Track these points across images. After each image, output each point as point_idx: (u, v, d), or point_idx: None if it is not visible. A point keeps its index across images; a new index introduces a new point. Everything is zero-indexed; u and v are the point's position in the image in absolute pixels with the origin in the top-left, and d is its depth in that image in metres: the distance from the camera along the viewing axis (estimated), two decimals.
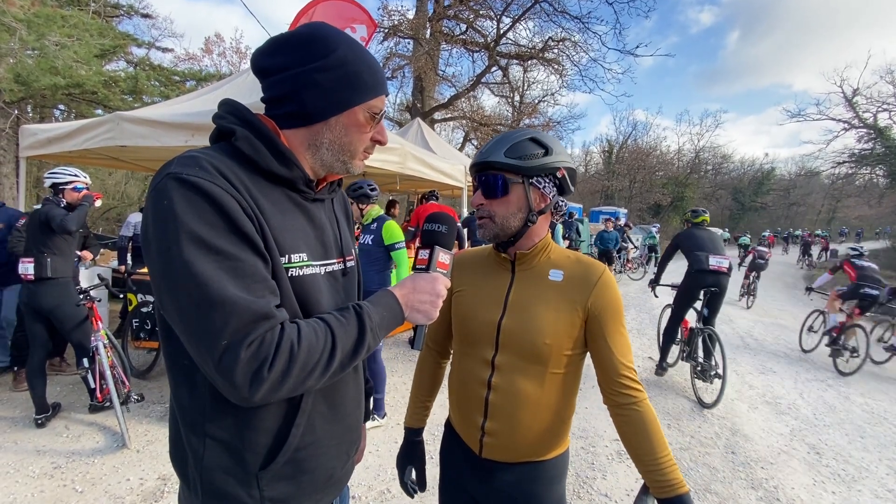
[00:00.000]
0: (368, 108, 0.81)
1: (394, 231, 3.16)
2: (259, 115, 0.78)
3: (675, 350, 4.59)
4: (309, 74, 0.75)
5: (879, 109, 20.57)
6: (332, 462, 0.87)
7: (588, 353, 1.07)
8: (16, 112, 8.06)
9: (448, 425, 1.24)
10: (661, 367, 4.63)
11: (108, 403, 3.13)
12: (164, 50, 14.93)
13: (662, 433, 0.98)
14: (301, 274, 0.76)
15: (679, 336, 4.51)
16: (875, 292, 5.56)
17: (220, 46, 19.19)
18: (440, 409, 2.91)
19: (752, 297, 9.83)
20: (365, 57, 0.81)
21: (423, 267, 0.91)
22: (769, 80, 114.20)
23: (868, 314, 5.90)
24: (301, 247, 0.77)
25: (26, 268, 3.07)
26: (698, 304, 4.30)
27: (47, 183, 3.24)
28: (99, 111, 9.80)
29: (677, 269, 5.15)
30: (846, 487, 2.88)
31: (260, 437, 0.75)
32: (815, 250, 20.45)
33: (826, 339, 5.77)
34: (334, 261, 0.87)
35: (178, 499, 0.84)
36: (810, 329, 6.26)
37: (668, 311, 4.73)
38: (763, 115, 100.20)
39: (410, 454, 1.25)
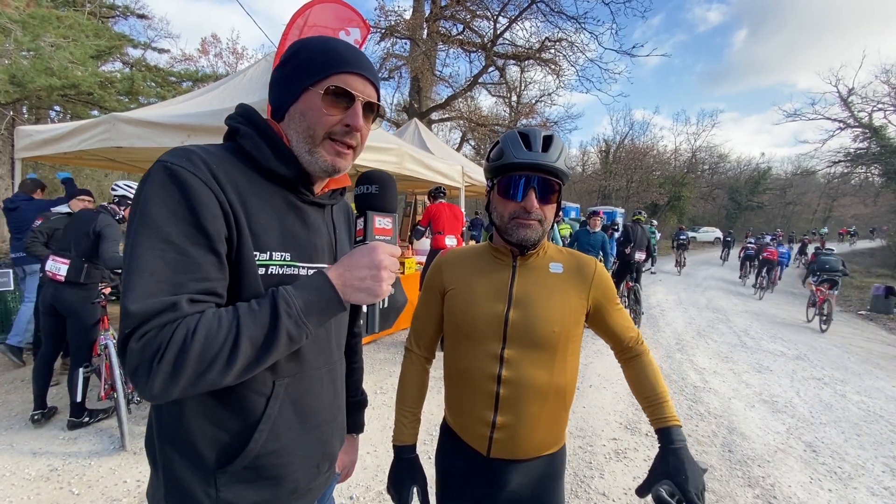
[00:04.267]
0: (321, 87, 0.76)
1: None
2: (268, 118, 0.82)
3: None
4: (273, 76, 0.82)
5: (875, 109, 20.71)
6: (296, 474, 0.82)
7: (581, 339, 1.14)
8: (11, 113, 8.04)
9: (446, 428, 1.20)
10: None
11: (86, 418, 3.07)
12: (161, 51, 14.93)
13: (661, 378, 1.12)
14: (281, 272, 0.76)
15: (623, 291, 7.08)
16: (832, 258, 8.31)
17: (217, 47, 19.24)
18: (437, 409, 2.90)
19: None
20: (319, 43, 0.79)
21: (361, 238, 0.79)
22: (775, 79, 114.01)
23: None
24: (286, 246, 0.77)
25: (58, 267, 3.00)
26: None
27: (118, 192, 3.26)
28: (95, 112, 9.78)
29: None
30: (842, 485, 2.90)
31: (220, 434, 0.74)
32: (810, 250, 20.52)
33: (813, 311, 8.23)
34: (324, 265, 0.84)
35: (147, 487, 0.82)
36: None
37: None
38: (767, 114, 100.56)
39: (410, 472, 1.13)
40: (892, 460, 3.27)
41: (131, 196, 3.18)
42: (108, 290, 3.16)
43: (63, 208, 3.94)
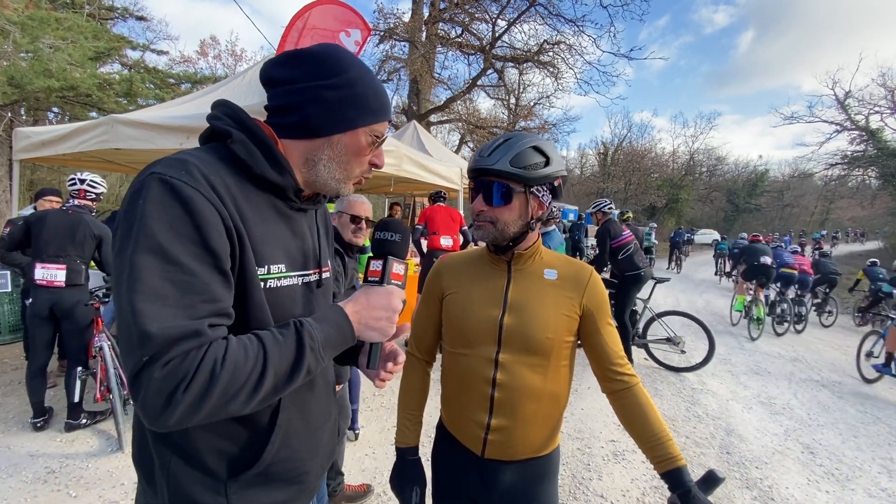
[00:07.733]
0: (371, 132, 0.81)
1: None
2: (257, 120, 0.76)
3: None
4: (317, 90, 0.76)
5: (871, 112, 20.79)
6: (307, 476, 0.85)
7: (581, 347, 1.13)
8: (9, 115, 8.03)
9: (441, 429, 1.22)
10: None
11: (84, 420, 3.07)
12: (159, 52, 14.96)
13: (658, 413, 1.05)
14: (278, 285, 0.76)
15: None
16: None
17: (216, 49, 19.24)
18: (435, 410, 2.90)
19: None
20: (373, 82, 0.82)
21: (377, 279, 0.82)
22: (780, 82, 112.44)
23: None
24: (281, 257, 0.76)
25: (53, 274, 2.96)
26: None
27: (97, 190, 3.25)
28: (93, 114, 9.77)
29: None
30: (840, 486, 2.90)
31: (232, 447, 0.74)
32: (807, 252, 20.56)
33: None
34: (311, 271, 0.86)
35: (135, 499, 0.81)
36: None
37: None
38: (769, 116, 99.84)
39: (414, 474, 1.16)
40: (889, 462, 3.28)
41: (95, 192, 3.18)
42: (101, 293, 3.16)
43: (28, 211, 3.90)
